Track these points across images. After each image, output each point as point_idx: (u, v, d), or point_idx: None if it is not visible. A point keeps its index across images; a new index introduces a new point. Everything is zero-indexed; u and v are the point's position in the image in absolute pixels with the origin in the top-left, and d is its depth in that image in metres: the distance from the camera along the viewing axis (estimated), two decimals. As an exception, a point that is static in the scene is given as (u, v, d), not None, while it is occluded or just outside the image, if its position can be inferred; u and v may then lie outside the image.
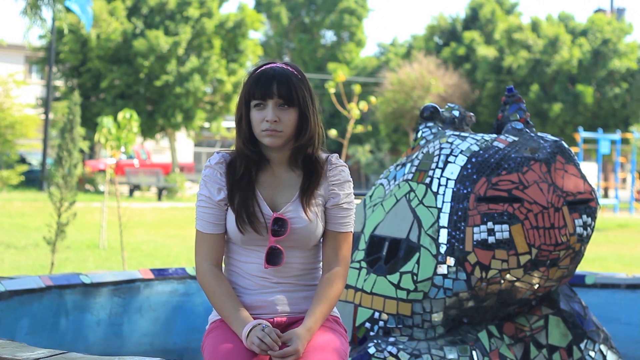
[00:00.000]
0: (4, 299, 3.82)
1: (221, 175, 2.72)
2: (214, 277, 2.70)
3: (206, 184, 2.73)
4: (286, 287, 2.73)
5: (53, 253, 9.00)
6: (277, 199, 2.72)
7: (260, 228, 2.67)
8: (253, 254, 2.72)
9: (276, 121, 2.65)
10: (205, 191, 2.73)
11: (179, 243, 13.27)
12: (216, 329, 2.71)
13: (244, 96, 2.70)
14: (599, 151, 26.45)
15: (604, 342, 3.74)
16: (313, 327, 2.64)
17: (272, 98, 2.66)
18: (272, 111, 2.65)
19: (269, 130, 2.66)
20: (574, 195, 3.54)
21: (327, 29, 46.24)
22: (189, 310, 4.45)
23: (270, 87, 2.65)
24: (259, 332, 2.54)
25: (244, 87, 2.72)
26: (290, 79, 2.68)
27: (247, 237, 2.69)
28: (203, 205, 2.73)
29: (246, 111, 2.70)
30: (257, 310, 2.71)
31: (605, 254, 13.32)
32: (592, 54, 37.78)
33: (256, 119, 2.67)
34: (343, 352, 2.69)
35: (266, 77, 2.67)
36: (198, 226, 2.74)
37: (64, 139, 9.11)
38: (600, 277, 4.71)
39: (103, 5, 30.85)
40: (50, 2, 14.00)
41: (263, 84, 2.66)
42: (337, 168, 2.76)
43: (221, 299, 2.68)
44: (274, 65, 2.73)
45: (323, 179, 2.74)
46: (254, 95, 2.67)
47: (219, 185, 2.72)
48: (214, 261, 2.73)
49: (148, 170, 28.91)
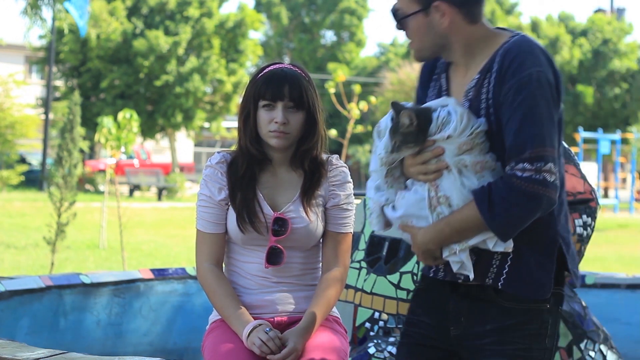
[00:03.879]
0: (4, 299, 3.82)
1: (222, 175, 2.73)
2: (215, 277, 2.70)
3: (207, 184, 2.73)
4: (286, 286, 2.74)
5: (53, 253, 9.00)
6: (277, 199, 2.72)
7: (260, 227, 2.67)
8: (253, 254, 2.73)
9: (285, 123, 2.65)
10: (206, 191, 2.73)
11: (179, 243, 13.27)
12: (216, 329, 2.71)
13: (252, 95, 2.69)
14: (599, 151, 26.45)
15: (604, 342, 3.74)
16: (310, 327, 2.64)
17: (283, 100, 2.66)
18: (282, 113, 2.65)
19: (277, 132, 2.66)
20: (574, 195, 3.53)
21: (327, 29, 46.24)
22: (189, 310, 4.45)
23: (281, 89, 2.66)
24: (261, 333, 2.54)
25: (252, 86, 2.71)
26: (301, 81, 2.69)
27: (247, 236, 2.69)
28: (204, 205, 2.73)
29: (254, 110, 2.69)
30: (258, 310, 2.71)
31: (605, 254, 13.32)
32: (592, 54, 37.79)
33: (264, 119, 2.67)
34: (343, 352, 2.69)
35: (277, 78, 2.67)
36: (199, 226, 2.74)
37: (64, 139, 9.12)
38: (600, 277, 4.71)
39: (103, 5, 30.86)
40: (50, 2, 14.00)
41: (274, 85, 2.66)
42: (337, 169, 2.77)
43: (221, 299, 2.68)
44: (283, 66, 2.73)
45: (324, 180, 2.75)
46: (264, 95, 2.66)
47: (220, 184, 2.72)
48: (214, 261, 2.73)
49: (148, 170, 28.91)
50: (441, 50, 2.41)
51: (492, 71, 2.30)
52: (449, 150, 2.26)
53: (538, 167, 2.19)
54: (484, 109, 2.30)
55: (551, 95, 2.28)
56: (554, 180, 2.22)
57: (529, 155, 2.20)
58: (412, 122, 2.27)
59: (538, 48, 2.29)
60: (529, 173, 2.19)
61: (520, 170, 2.19)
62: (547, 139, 2.24)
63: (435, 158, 2.28)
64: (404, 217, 2.35)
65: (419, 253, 2.37)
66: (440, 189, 2.28)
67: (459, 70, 2.42)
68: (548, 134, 2.25)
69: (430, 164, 2.28)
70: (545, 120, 2.25)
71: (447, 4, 2.34)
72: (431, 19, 2.36)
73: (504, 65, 2.27)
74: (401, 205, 2.35)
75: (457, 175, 2.26)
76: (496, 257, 2.32)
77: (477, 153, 2.27)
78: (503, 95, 2.25)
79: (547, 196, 2.21)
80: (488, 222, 2.22)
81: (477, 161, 2.26)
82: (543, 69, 2.26)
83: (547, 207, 2.23)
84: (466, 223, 2.26)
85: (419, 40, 2.40)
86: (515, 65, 2.25)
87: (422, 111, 2.30)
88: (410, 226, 2.35)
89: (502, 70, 2.27)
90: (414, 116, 2.27)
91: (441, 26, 2.36)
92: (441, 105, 2.32)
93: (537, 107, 2.23)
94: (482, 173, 2.27)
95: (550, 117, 2.27)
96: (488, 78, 2.31)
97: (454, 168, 2.26)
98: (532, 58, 2.26)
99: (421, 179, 2.31)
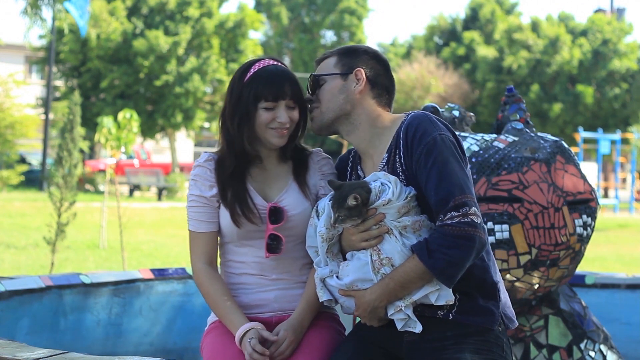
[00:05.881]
0: (4, 299, 3.82)
1: (211, 172, 2.73)
2: (208, 277, 2.70)
3: (196, 183, 2.74)
4: (283, 284, 2.74)
5: (53, 253, 9.00)
6: (269, 191, 2.74)
7: (254, 219, 2.68)
8: (250, 251, 2.73)
9: (287, 122, 2.67)
10: (195, 190, 2.74)
11: (179, 243, 13.27)
12: (215, 329, 2.72)
13: (251, 96, 2.67)
14: (599, 151, 26.45)
15: (604, 342, 3.74)
16: (301, 318, 2.66)
17: (285, 99, 2.67)
18: (285, 112, 2.67)
19: (278, 130, 2.67)
20: (574, 195, 3.53)
21: (327, 29, 46.20)
22: (189, 310, 4.45)
23: (282, 89, 2.66)
24: (246, 344, 2.55)
25: (247, 87, 2.68)
26: (296, 78, 2.72)
27: (243, 230, 2.69)
28: (194, 205, 2.74)
29: (253, 111, 2.68)
30: (256, 309, 2.72)
31: (605, 254, 13.32)
32: (592, 54, 37.78)
33: (264, 119, 2.67)
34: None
35: (277, 78, 2.67)
36: (190, 227, 2.76)
37: (64, 139, 9.12)
38: (600, 277, 4.71)
39: (103, 5, 30.85)
40: (50, 2, 14.00)
41: (276, 86, 2.65)
42: (324, 160, 2.83)
43: (214, 299, 2.68)
44: (272, 63, 2.71)
45: (313, 170, 2.79)
46: (266, 97, 2.66)
47: (210, 182, 2.72)
48: (207, 260, 2.73)
49: (148, 170, 28.89)
50: (343, 119, 2.66)
51: (399, 147, 2.56)
52: (390, 214, 2.48)
53: (464, 212, 2.42)
54: (404, 180, 2.55)
55: (457, 152, 2.52)
56: (481, 222, 2.45)
57: (453, 203, 2.42)
58: (357, 201, 2.46)
59: (433, 117, 2.58)
60: (457, 219, 2.41)
61: (449, 218, 2.42)
62: (465, 188, 2.46)
63: (376, 224, 2.48)
64: (350, 284, 2.53)
65: (365, 314, 2.53)
66: (382, 252, 2.49)
67: (367, 160, 2.69)
68: (464, 183, 2.47)
69: (372, 230, 2.49)
70: (459, 172, 2.47)
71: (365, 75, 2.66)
72: (347, 83, 2.64)
73: (408, 138, 2.53)
74: (346, 273, 2.54)
75: (399, 237, 2.47)
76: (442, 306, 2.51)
77: (413, 214, 2.49)
78: (415, 162, 2.51)
79: (478, 236, 2.43)
80: (430, 269, 2.41)
81: (416, 220, 2.49)
82: (443, 132, 2.52)
83: (480, 247, 2.44)
84: (409, 275, 2.44)
85: (328, 101, 2.66)
86: (419, 134, 2.51)
87: (361, 186, 2.50)
88: (354, 290, 2.53)
89: (407, 143, 2.53)
90: (358, 195, 2.46)
91: (354, 92, 2.64)
92: (372, 180, 2.54)
93: (448, 163, 2.47)
94: (420, 232, 2.49)
95: (461, 169, 2.49)
96: (397, 154, 2.57)
97: (395, 230, 2.47)
98: (432, 125, 2.53)
99: (364, 245, 2.51)
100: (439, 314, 2.51)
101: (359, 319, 2.62)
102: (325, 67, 2.71)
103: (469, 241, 2.40)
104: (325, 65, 2.72)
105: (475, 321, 2.51)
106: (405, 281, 2.45)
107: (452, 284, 2.44)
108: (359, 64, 2.67)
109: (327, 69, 2.70)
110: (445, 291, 2.46)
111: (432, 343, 2.50)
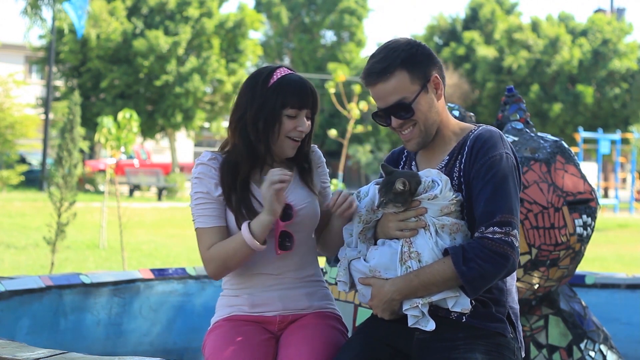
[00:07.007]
0: (4, 299, 3.82)
1: (215, 171, 2.72)
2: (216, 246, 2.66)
3: (201, 181, 2.71)
4: (288, 283, 2.75)
5: (53, 253, 9.00)
6: None
7: None
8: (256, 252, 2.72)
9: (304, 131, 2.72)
10: (202, 188, 2.71)
11: (179, 243, 13.28)
12: (218, 329, 2.72)
13: (278, 102, 2.67)
14: (599, 151, 26.46)
15: (604, 342, 3.74)
16: None
17: (307, 108, 2.70)
18: (305, 121, 2.70)
19: (294, 141, 2.70)
20: (574, 195, 3.54)
21: (327, 29, 46.22)
22: (189, 310, 4.45)
23: (306, 98, 2.69)
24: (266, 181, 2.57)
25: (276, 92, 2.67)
26: (316, 90, 2.75)
27: None
28: (201, 202, 2.70)
29: (278, 116, 2.68)
30: (262, 308, 2.73)
31: (605, 254, 13.32)
32: (592, 54, 37.79)
33: (287, 126, 2.69)
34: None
35: (303, 87, 2.70)
36: (199, 224, 2.70)
37: (64, 139, 9.12)
38: (600, 277, 4.71)
39: (103, 5, 30.85)
40: (50, 2, 14.01)
41: (301, 95, 2.68)
42: (316, 154, 2.86)
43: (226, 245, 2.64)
44: (290, 72, 2.74)
45: (314, 165, 2.83)
46: (292, 104, 2.67)
47: (215, 180, 2.71)
48: None
49: (148, 170, 28.89)
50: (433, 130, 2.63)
51: (462, 153, 2.58)
52: (432, 210, 2.50)
53: (507, 231, 2.46)
54: (456, 185, 2.57)
55: (516, 174, 2.56)
56: (518, 246, 2.49)
57: (499, 219, 2.46)
58: (405, 187, 2.48)
59: (504, 135, 2.60)
60: (499, 235, 2.45)
61: (491, 232, 2.45)
62: (514, 209, 2.50)
63: (416, 217, 2.50)
64: (374, 268, 2.54)
65: (380, 304, 2.54)
66: (413, 245, 2.50)
67: (424, 157, 2.69)
68: (514, 206, 2.50)
69: (411, 221, 2.51)
70: (513, 194, 2.51)
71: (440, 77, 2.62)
72: (430, 94, 2.61)
73: (475, 147, 2.55)
74: (374, 256, 2.56)
75: (434, 234, 2.48)
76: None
77: (454, 217, 2.52)
78: (475, 171, 2.53)
79: (513, 258, 2.46)
80: (461, 276, 2.43)
81: (455, 222, 2.50)
82: (510, 153, 2.56)
83: (512, 268, 2.47)
84: (435, 277, 2.46)
85: (425, 120, 2.61)
86: (488, 146, 2.54)
87: (412, 176, 2.53)
88: (374, 278, 2.54)
89: (473, 151, 2.55)
90: (407, 182, 2.49)
91: (437, 100, 2.61)
92: (425, 175, 2.56)
93: (506, 182, 2.50)
94: (456, 235, 2.51)
95: (516, 192, 2.53)
96: (459, 159, 2.58)
97: (431, 227, 2.49)
98: (502, 142, 2.56)
99: (398, 235, 2.53)
100: (453, 315, 2.52)
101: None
102: (402, 86, 2.56)
103: (504, 259, 2.44)
104: (400, 84, 2.56)
105: (488, 326, 2.52)
106: (430, 282, 2.46)
107: (475, 295, 2.47)
108: (430, 69, 2.60)
109: (406, 87, 2.56)
110: (464, 299, 2.48)
111: (443, 342, 2.50)
